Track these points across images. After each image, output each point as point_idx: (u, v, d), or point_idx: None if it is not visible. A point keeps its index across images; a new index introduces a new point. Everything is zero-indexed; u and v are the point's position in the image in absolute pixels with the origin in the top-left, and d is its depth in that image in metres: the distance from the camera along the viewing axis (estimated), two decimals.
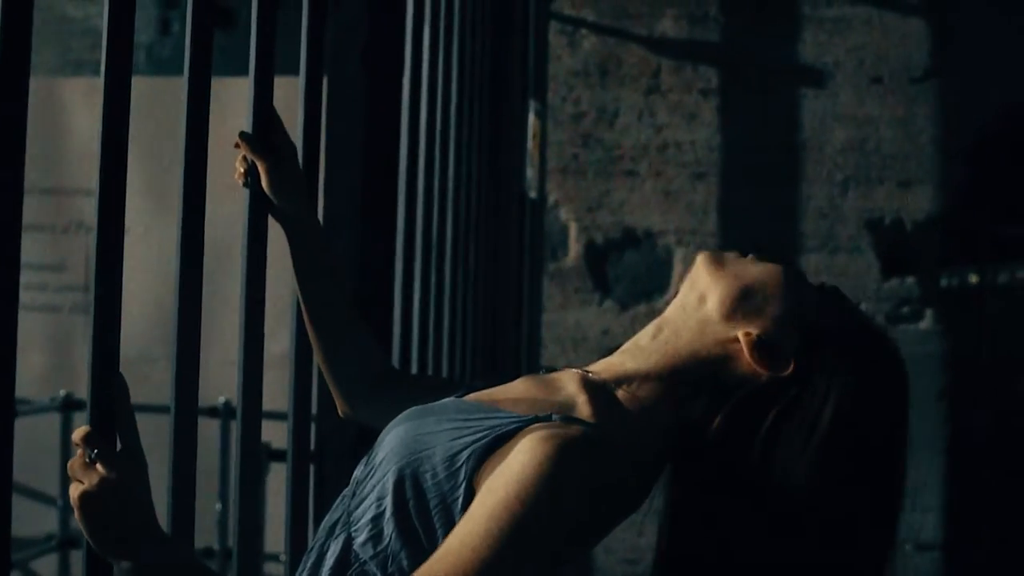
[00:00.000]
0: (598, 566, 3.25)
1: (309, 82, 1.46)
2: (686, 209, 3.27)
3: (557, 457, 1.02)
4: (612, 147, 3.28)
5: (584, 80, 3.29)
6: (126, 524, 1.00)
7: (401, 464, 1.09)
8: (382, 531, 1.09)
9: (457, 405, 1.15)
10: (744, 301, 1.13)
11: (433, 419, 1.13)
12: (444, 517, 1.07)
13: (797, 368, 1.10)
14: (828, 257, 3.22)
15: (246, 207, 1.30)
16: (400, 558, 1.08)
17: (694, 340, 1.14)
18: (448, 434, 1.10)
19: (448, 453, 1.08)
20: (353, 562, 1.11)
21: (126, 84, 1.08)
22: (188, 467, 1.18)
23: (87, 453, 1.01)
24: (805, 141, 3.23)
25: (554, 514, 1.02)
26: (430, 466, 1.08)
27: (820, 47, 3.24)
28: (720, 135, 3.25)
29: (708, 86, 3.26)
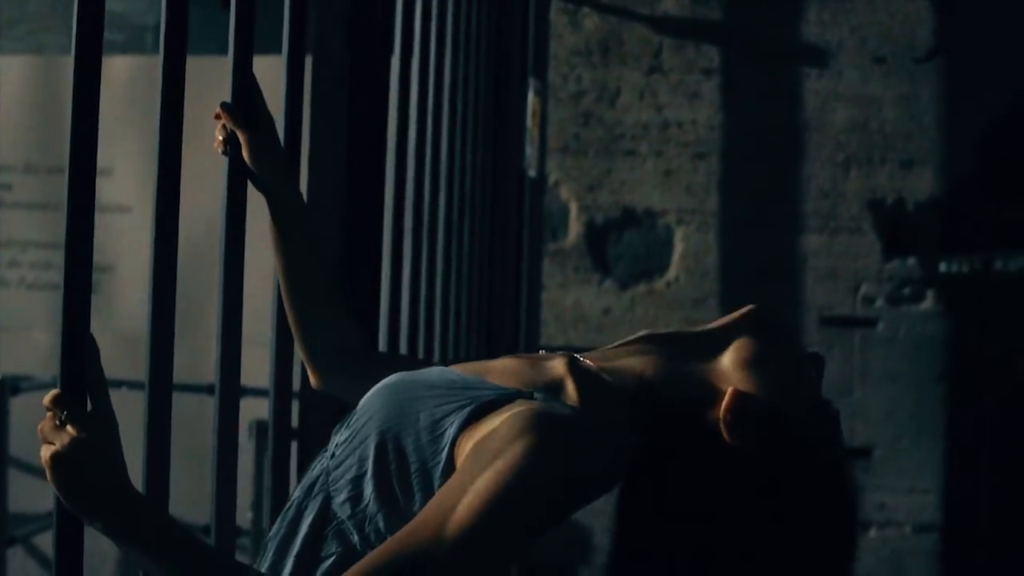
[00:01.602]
0: (596, 545, 3.26)
1: (291, 60, 1.47)
2: (687, 189, 3.26)
3: (539, 437, 1.03)
4: (613, 126, 3.27)
5: (585, 59, 3.28)
6: (98, 484, 1.01)
7: (384, 428, 1.11)
8: (362, 492, 1.11)
9: (442, 373, 1.17)
10: (753, 364, 1.13)
11: (418, 385, 1.14)
12: (424, 482, 1.08)
13: (757, 453, 1.09)
14: (829, 237, 3.21)
15: (224, 175, 1.32)
16: (377, 519, 1.10)
17: (698, 368, 1.14)
18: (433, 401, 1.11)
19: (432, 419, 1.09)
20: (331, 520, 1.13)
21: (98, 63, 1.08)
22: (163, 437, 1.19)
23: (57, 415, 1.02)
24: (807, 121, 3.22)
25: (532, 492, 1.02)
26: (413, 431, 1.10)
27: (823, 26, 3.22)
28: (722, 114, 3.24)
29: (710, 65, 3.24)
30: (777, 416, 1.11)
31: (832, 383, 3.21)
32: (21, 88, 3.90)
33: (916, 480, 3.17)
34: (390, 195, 1.88)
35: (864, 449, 3.19)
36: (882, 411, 3.19)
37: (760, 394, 1.12)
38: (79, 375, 1.05)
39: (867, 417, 3.19)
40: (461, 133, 2.30)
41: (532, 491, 1.02)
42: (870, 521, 3.19)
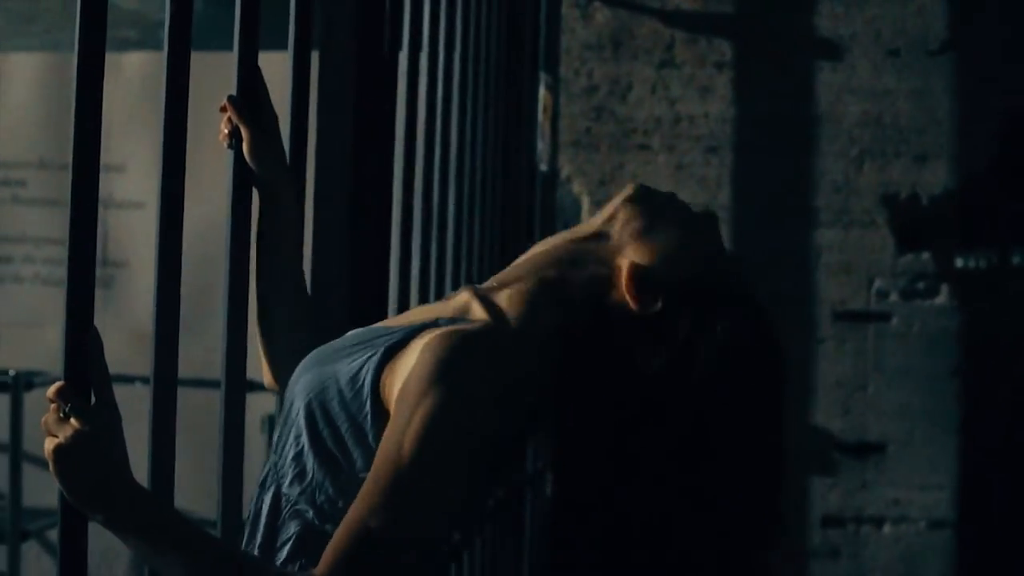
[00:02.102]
0: None
1: (298, 55, 1.47)
2: (699, 183, 3.24)
3: (451, 355, 1.03)
4: (625, 120, 3.26)
5: (597, 53, 3.27)
6: (100, 477, 1.02)
7: (309, 398, 1.13)
8: (304, 466, 1.12)
9: (355, 334, 1.18)
10: (644, 234, 1.14)
11: (329, 351, 1.16)
12: (357, 436, 1.09)
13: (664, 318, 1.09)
14: (843, 231, 3.20)
15: (230, 168, 1.33)
16: (325, 486, 1.11)
17: (589, 253, 1.15)
18: (347, 359, 1.12)
19: (349, 375, 1.11)
20: (284, 507, 1.13)
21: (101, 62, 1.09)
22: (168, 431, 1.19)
23: (61, 408, 1.03)
24: (820, 115, 3.20)
25: (466, 408, 1.02)
26: (335, 391, 1.11)
27: (836, 19, 3.20)
28: (734, 108, 3.22)
29: (722, 59, 3.23)
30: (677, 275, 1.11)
31: (846, 378, 3.20)
32: (36, 85, 3.91)
33: (930, 476, 3.16)
34: (398, 191, 1.88)
35: (878, 445, 3.18)
36: (896, 406, 3.17)
37: (656, 260, 1.12)
38: (83, 369, 1.06)
39: (881, 412, 3.18)
40: (471, 128, 2.30)
41: (465, 408, 1.02)
42: (883, 517, 3.18)
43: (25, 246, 3.91)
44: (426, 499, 1.02)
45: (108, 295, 3.80)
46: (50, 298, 3.84)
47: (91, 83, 1.08)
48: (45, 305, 3.84)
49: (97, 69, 1.08)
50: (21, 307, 3.89)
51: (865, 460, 3.17)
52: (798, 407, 3.20)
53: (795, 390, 3.20)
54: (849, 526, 3.19)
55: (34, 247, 3.91)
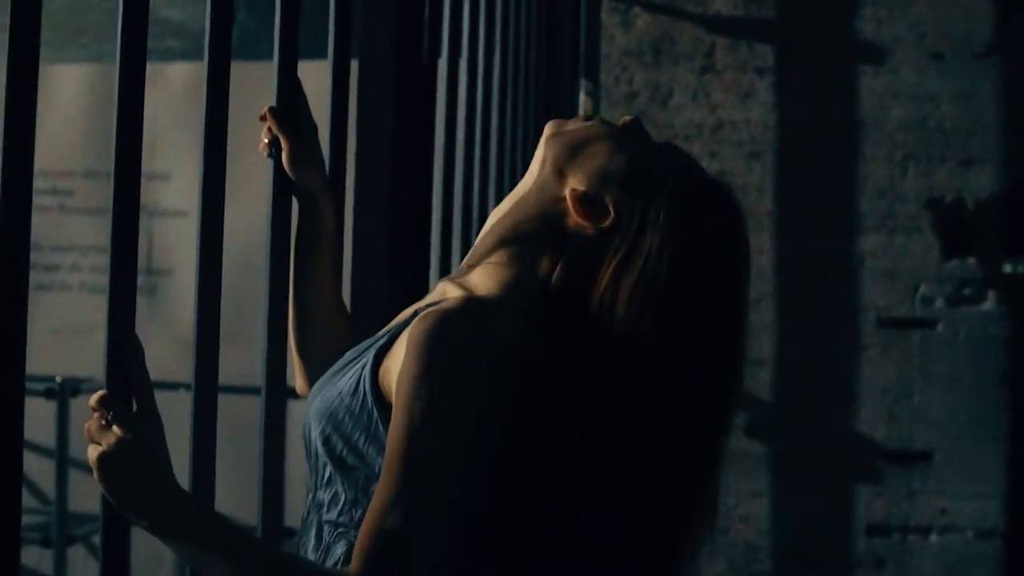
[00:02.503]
0: None
1: (337, 64, 1.48)
2: (741, 189, 3.22)
3: (433, 331, 1.04)
4: (665, 127, 3.25)
5: (637, 59, 3.26)
6: (142, 482, 1.03)
7: (321, 424, 1.14)
8: (336, 489, 1.14)
9: (349, 352, 1.20)
10: (571, 158, 1.15)
11: (331, 375, 1.18)
12: (372, 442, 1.11)
13: (622, 220, 1.11)
14: (887, 237, 3.16)
15: (270, 177, 1.34)
16: (359, 501, 1.12)
17: (536, 203, 1.16)
18: (346, 376, 1.14)
19: (350, 390, 1.12)
20: (328, 534, 1.13)
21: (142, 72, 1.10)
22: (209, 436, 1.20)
23: (103, 415, 1.04)
24: (863, 119, 3.17)
25: (456, 381, 1.03)
26: (343, 409, 1.12)
27: (879, 23, 3.17)
28: (776, 114, 3.20)
29: (764, 64, 3.21)
30: (616, 182, 1.12)
31: (891, 386, 3.17)
32: (82, 96, 3.97)
33: (978, 485, 3.11)
34: (438, 198, 1.88)
35: (924, 453, 3.14)
36: (942, 414, 3.14)
37: (593, 177, 1.13)
38: (124, 376, 1.07)
39: (927, 421, 3.14)
40: (511, 136, 2.30)
41: (456, 379, 1.03)
42: (930, 526, 3.14)
43: (72, 255, 3.96)
44: (438, 476, 1.03)
45: (153, 303, 3.84)
46: (96, 306, 3.88)
47: (132, 93, 1.09)
48: (91, 313, 3.88)
49: (138, 79, 1.09)
50: (68, 314, 3.94)
51: (911, 468, 3.13)
52: (842, 415, 3.17)
53: (839, 398, 3.18)
54: (895, 535, 3.16)
55: (80, 255, 3.96)
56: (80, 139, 3.95)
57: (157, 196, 3.86)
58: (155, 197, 3.85)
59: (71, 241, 3.96)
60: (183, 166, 3.78)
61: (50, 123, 3.93)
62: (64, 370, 3.58)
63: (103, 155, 3.90)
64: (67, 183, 3.98)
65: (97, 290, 3.90)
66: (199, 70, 1.19)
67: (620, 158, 1.14)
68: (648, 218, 1.10)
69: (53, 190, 3.95)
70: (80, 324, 3.89)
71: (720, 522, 3.19)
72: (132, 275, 1.10)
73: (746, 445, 3.19)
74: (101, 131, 3.86)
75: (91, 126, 3.92)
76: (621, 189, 1.12)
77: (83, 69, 4.03)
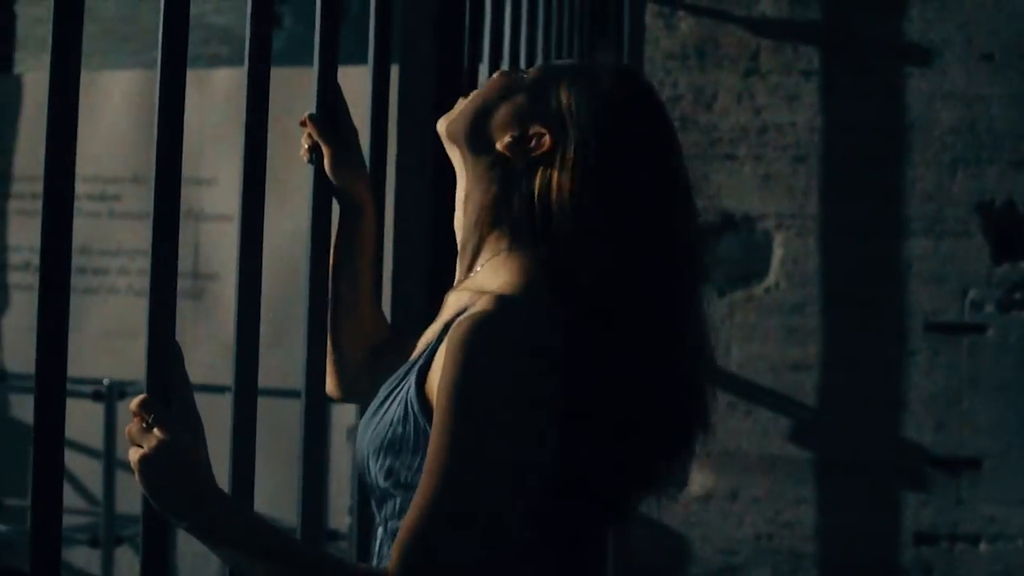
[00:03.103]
0: (695, 555, 3.22)
1: (378, 69, 1.48)
2: (786, 193, 3.20)
3: (475, 334, 1.04)
4: (710, 130, 3.23)
5: (681, 62, 3.24)
6: (183, 484, 1.04)
7: (380, 459, 1.15)
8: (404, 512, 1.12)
9: (386, 384, 1.20)
10: (481, 127, 1.19)
11: (375, 408, 1.18)
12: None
13: (554, 134, 1.15)
14: (935, 241, 3.12)
15: (312, 183, 1.35)
16: None
17: (480, 183, 1.19)
18: (393, 406, 1.15)
19: (399, 416, 1.13)
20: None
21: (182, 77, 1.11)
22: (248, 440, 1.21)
23: (144, 419, 1.05)
24: (911, 122, 3.13)
25: (502, 387, 1.04)
26: (398, 439, 1.13)
27: (927, 23, 3.13)
28: (822, 116, 3.17)
29: (809, 67, 3.18)
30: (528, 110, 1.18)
31: (939, 392, 3.13)
32: (130, 102, 4.01)
33: None
34: None
35: (973, 460, 3.09)
36: (992, 421, 3.09)
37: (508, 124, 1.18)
38: (165, 380, 1.08)
39: (976, 427, 3.09)
40: None
41: (500, 382, 1.04)
42: (979, 534, 3.09)
43: (120, 259, 4.01)
44: (478, 482, 1.03)
45: (198, 307, 3.87)
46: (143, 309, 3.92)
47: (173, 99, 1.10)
48: (138, 316, 3.91)
49: (178, 84, 1.10)
50: (115, 318, 3.99)
51: (959, 476, 3.09)
52: (889, 421, 3.13)
53: (886, 403, 3.14)
54: (943, 543, 3.11)
55: (128, 259, 4.00)
56: (129, 145, 4.00)
57: (203, 201, 3.90)
58: (201, 202, 3.89)
59: (119, 245, 4.01)
60: (229, 171, 3.81)
61: (99, 129, 3.98)
62: (112, 373, 3.63)
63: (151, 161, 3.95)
64: (116, 188, 4.03)
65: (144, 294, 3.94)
66: (244, 76, 1.20)
67: (517, 96, 1.19)
68: (570, 116, 1.15)
69: (102, 195, 4.00)
70: (127, 327, 3.94)
71: (764, 528, 3.18)
72: (172, 279, 1.11)
73: (791, 451, 3.16)
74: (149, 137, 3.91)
75: (139, 132, 3.97)
76: (536, 115, 1.17)
77: (132, 75, 4.08)
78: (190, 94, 1.12)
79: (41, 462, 0.98)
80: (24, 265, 4.15)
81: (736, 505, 3.19)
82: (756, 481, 3.17)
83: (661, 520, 3.20)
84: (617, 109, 1.16)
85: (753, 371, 3.18)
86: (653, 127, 1.20)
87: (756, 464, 3.18)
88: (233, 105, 3.73)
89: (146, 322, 1.09)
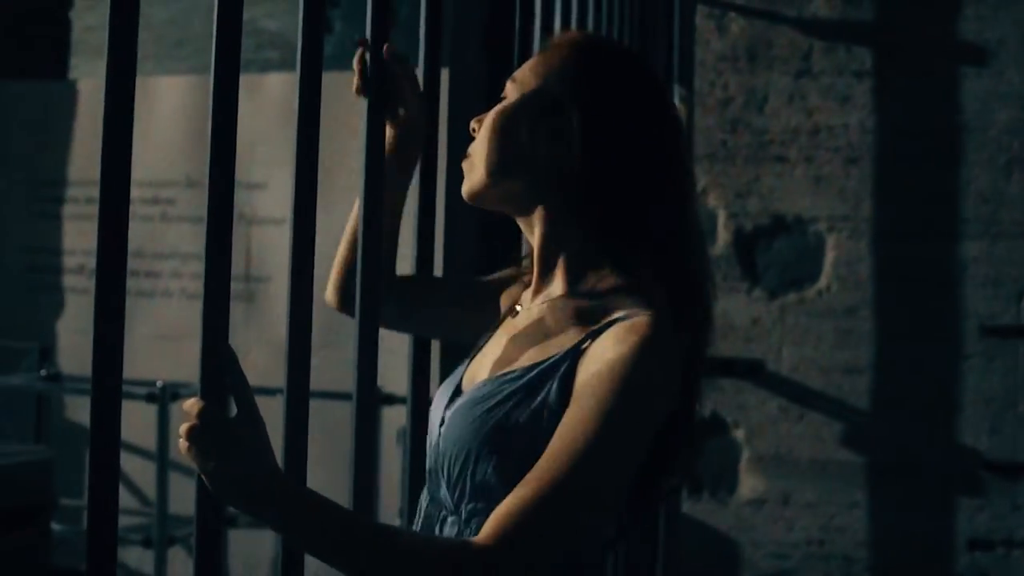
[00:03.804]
0: (745, 560, 3.20)
1: (428, 72, 1.48)
2: (838, 195, 3.17)
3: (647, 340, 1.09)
4: (761, 132, 3.21)
5: (732, 64, 3.22)
6: (250, 474, 1.04)
7: (494, 460, 1.15)
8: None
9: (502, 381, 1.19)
10: (508, 150, 1.24)
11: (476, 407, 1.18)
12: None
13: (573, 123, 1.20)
14: (990, 243, 3.08)
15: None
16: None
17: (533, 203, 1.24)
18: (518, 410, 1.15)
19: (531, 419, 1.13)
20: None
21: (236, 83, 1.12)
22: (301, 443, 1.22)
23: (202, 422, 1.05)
24: (966, 122, 3.09)
25: (654, 391, 1.09)
26: (526, 439, 1.13)
27: (982, 22, 3.09)
28: (874, 117, 3.14)
29: (862, 67, 3.15)
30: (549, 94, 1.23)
31: (994, 396, 3.08)
32: (183, 107, 4.06)
33: None
34: None
35: None
36: None
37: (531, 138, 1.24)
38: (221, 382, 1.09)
39: None
40: None
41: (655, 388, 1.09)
42: None
43: (173, 262, 4.05)
44: (606, 476, 1.06)
45: (251, 309, 3.90)
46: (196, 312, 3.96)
47: (227, 104, 1.11)
48: (191, 319, 3.97)
49: (231, 90, 1.11)
50: (168, 320, 4.03)
51: (1016, 481, 3.04)
52: (943, 425, 3.09)
53: (940, 407, 3.10)
54: (999, 549, 3.06)
55: (181, 263, 4.05)
56: (181, 149, 4.04)
57: (255, 205, 3.93)
58: (253, 205, 3.92)
59: (172, 249, 4.06)
60: (280, 175, 3.84)
61: (152, 134, 4.03)
62: (164, 375, 3.67)
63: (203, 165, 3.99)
64: (169, 192, 4.07)
65: (197, 297, 3.97)
66: (296, 80, 1.20)
67: (531, 93, 1.24)
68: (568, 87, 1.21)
69: (155, 199, 4.05)
70: (180, 329, 3.98)
71: (816, 533, 3.14)
72: (225, 282, 1.12)
73: (843, 455, 3.13)
74: (201, 141, 3.95)
75: (192, 137, 4.01)
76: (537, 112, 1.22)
77: (184, 81, 4.12)
78: (241, 99, 1.13)
79: (97, 464, 0.99)
80: (78, 268, 4.20)
81: (787, 510, 3.16)
82: (808, 485, 3.14)
83: (711, 524, 3.18)
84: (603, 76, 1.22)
85: (805, 374, 3.15)
86: (638, 76, 1.25)
87: (808, 468, 3.15)
88: (284, 109, 3.76)
89: (200, 325, 1.10)
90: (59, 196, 4.24)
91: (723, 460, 3.20)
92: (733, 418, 3.21)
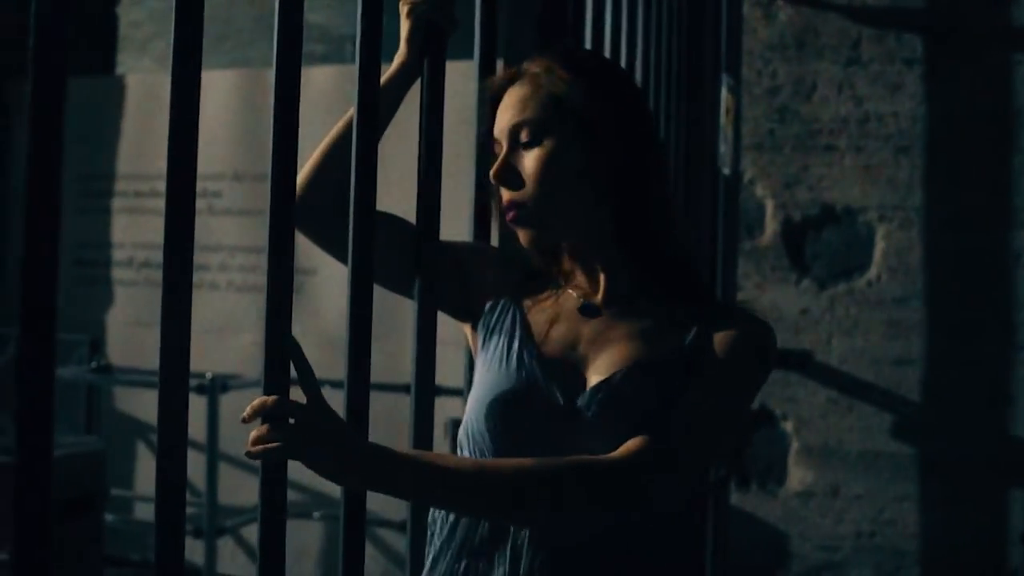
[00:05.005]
0: (793, 552, 3.18)
1: (483, 63, 1.48)
2: (888, 184, 3.14)
3: (769, 340, 1.26)
4: (810, 121, 3.18)
5: (780, 53, 3.20)
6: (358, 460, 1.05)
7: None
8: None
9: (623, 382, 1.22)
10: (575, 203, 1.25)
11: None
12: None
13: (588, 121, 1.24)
14: None
15: (418, 179, 1.35)
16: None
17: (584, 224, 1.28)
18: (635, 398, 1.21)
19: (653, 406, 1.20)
20: None
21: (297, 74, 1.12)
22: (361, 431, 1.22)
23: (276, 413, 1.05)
24: (1018, 110, 3.05)
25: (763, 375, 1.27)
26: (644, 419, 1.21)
27: None
28: (925, 106, 3.11)
29: (912, 55, 3.11)
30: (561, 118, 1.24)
31: None
32: (228, 101, 4.08)
33: None
34: None
35: None
36: None
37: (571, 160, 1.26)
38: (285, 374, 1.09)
39: None
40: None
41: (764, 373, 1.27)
42: None
43: (220, 254, 4.08)
44: (725, 431, 1.21)
45: (298, 301, 3.92)
46: (244, 304, 3.99)
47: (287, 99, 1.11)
48: (239, 311, 3.99)
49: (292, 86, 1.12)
50: (216, 313, 4.06)
51: None
52: (995, 417, 3.06)
53: (992, 400, 3.06)
54: None
55: (228, 255, 4.07)
56: (228, 144, 4.07)
57: None
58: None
59: (219, 242, 4.08)
60: None
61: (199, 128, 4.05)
62: (214, 367, 3.70)
63: (250, 158, 4.01)
64: (216, 185, 4.10)
65: (244, 289, 4.01)
66: (341, 73, 1.21)
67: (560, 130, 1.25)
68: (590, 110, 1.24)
69: (202, 192, 4.08)
70: (228, 322, 4.01)
71: (866, 526, 3.12)
72: (288, 275, 1.12)
73: (894, 447, 3.10)
74: (247, 135, 3.97)
75: (238, 130, 4.03)
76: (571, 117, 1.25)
77: (229, 75, 4.15)
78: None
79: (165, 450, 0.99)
80: (127, 261, 4.24)
81: (837, 502, 3.14)
82: (857, 477, 3.12)
83: (760, 516, 3.17)
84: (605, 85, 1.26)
85: (855, 366, 3.13)
86: (626, 75, 1.32)
87: (857, 460, 3.13)
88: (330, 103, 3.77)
89: (256, 316, 1.10)
90: (107, 190, 4.28)
91: (772, 452, 3.18)
92: (782, 410, 3.19)
